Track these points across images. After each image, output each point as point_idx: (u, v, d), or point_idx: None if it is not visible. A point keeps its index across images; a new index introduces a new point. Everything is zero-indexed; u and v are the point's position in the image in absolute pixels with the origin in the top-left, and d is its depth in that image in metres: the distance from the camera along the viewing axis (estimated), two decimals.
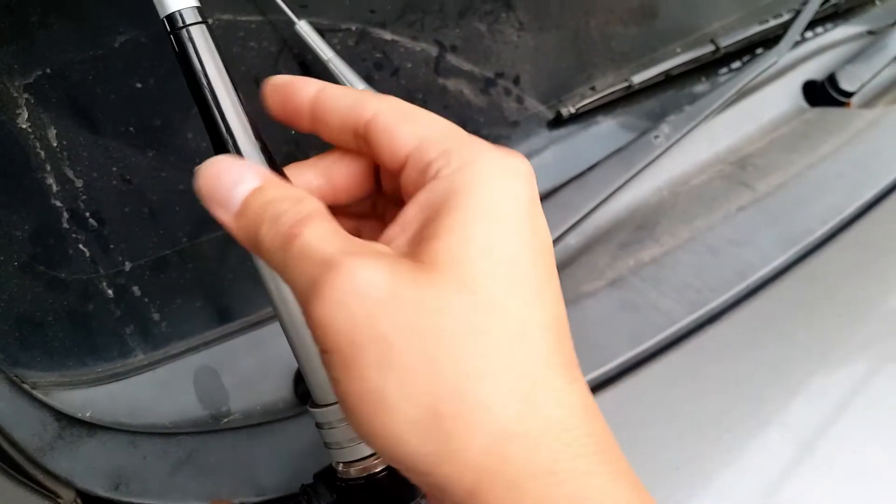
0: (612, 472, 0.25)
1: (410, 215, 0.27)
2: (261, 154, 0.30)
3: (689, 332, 0.52)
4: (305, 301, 0.24)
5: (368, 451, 0.33)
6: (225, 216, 0.27)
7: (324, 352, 0.24)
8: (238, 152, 0.29)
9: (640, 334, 0.51)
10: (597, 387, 0.49)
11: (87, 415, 0.45)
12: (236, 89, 0.30)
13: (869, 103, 0.78)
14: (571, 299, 0.53)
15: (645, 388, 0.49)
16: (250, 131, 0.30)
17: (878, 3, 0.91)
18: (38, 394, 0.45)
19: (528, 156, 0.63)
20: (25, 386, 0.45)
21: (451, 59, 0.62)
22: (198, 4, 0.29)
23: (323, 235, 0.25)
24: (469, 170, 0.26)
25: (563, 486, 0.24)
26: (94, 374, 0.47)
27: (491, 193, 0.26)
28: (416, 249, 0.26)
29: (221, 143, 0.29)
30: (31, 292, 0.48)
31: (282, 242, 0.25)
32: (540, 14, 0.67)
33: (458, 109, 0.62)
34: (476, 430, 0.23)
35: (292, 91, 0.30)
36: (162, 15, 0.29)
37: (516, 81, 0.65)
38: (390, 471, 0.33)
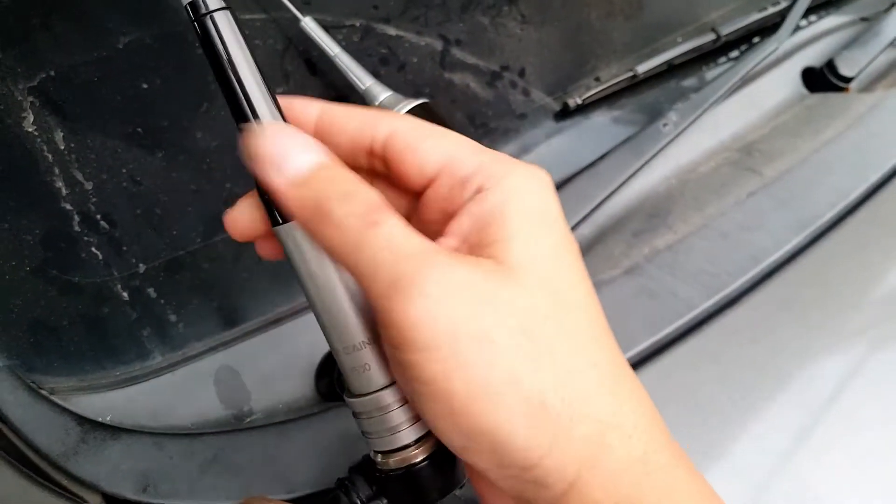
0: (686, 466, 0.26)
1: (465, 225, 0.27)
2: None
3: (708, 317, 0.52)
4: (391, 294, 0.24)
5: (407, 441, 0.33)
6: (280, 181, 0.26)
7: (414, 351, 0.24)
8: None
9: (660, 321, 0.51)
10: None
11: (108, 419, 0.44)
12: (263, 77, 0.29)
13: (867, 88, 0.79)
14: None
15: (667, 374, 0.49)
16: (280, 120, 0.29)
17: None
18: (57, 399, 0.44)
19: (538, 147, 0.63)
20: (44, 392, 0.44)
21: (457, 52, 0.62)
22: None
23: (404, 229, 0.25)
24: (513, 181, 0.27)
25: (651, 476, 0.25)
26: (112, 377, 0.47)
27: (537, 204, 0.27)
28: (487, 254, 0.26)
29: None
30: (44, 297, 0.47)
31: (360, 224, 0.25)
32: (542, 7, 0.67)
33: (466, 103, 0.62)
34: (579, 420, 0.24)
35: (292, 112, 0.30)
36: (185, 2, 0.28)
37: (522, 74, 0.65)
38: (430, 461, 0.33)
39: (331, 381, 0.50)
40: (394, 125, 0.29)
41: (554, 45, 0.67)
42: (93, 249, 0.49)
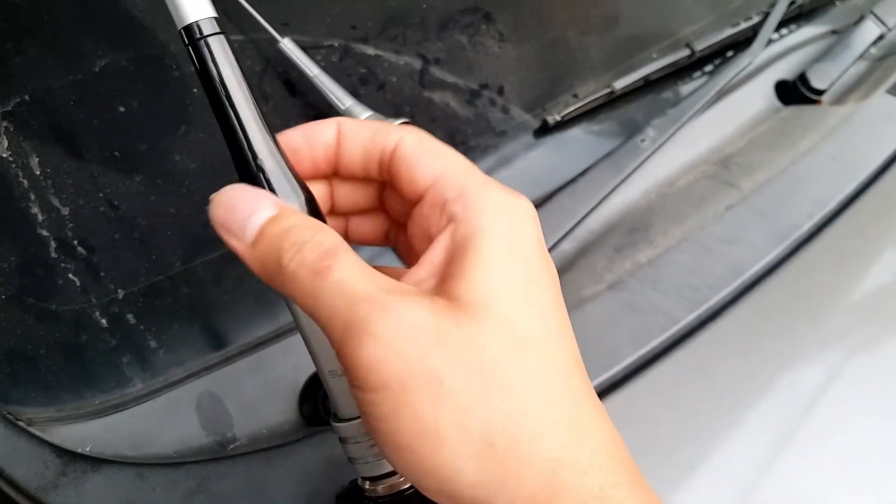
0: (647, 499, 0.26)
1: (437, 257, 0.28)
2: (285, 168, 0.29)
3: (692, 331, 0.52)
4: (345, 338, 0.24)
5: None
6: (239, 245, 0.27)
7: (367, 390, 0.24)
8: (259, 167, 0.28)
9: (644, 335, 0.51)
10: (605, 390, 0.49)
11: (88, 449, 0.43)
12: (257, 102, 0.29)
13: (839, 100, 0.80)
14: (573, 304, 0.53)
15: (653, 389, 0.49)
16: (273, 146, 0.29)
17: (837, 3, 0.93)
18: (35, 430, 0.43)
19: (518, 164, 0.64)
20: (21, 423, 0.43)
21: (436, 71, 0.62)
22: (215, 15, 0.28)
23: (358, 270, 0.25)
24: (488, 212, 0.27)
25: None
26: (92, 406, 0.46)
27: (511, 235, 0.27)
28: (447, 288, 0.26)
29: (243, 158, 0.28)
30: (21, 325, 0.46)
31: (311, 273, 0.25)
32: (519, 25, 0.67)
33: (446, 121, 0.62)
34: (530, 460, 0.24)
35: (316, 136, 0.30)
36: (179, 26, 0.28)
37: (500, 92, 0.65)
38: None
39: (315, 404, 0.49)
40: (400, 136, 0.29)
41: (531, 63, 0.68)
42: (70, 276, 0.48)
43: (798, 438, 0.47)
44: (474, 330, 0.25)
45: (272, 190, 0.29)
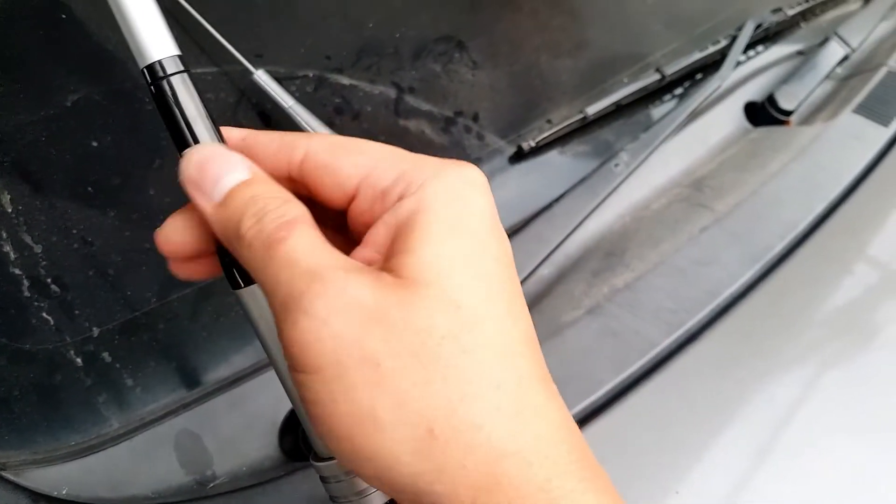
0: (599, 489, 0.25)
1: (380, 235, 0.27)
2: None
3: (671, 354, 0.52)
4: (285, 312, 0.24)
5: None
6: (204, 204, 0.26)
7: (300, 371, 0.23)
8: None
9: (624, 360, 0.51)
10: (586, 417, 0.49)
11: (64, 492, 0.42)
12: (221, 139, 0.29)
13: (807, 120, 0.82)
14: (552, 331, 0.53)
15: (635, 414, 0.49)
16: None
17: (802, 25, 0.95)
18: (8, 475, 0.42)
19: (494, 191, 0.64)
20: None
21: (410, 100, 0.63)
22: (178, 53, 0.28)
23: (310, 244, 0.24)
24: (432, 186, 0.26)
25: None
26: (67, 448, 0.45)
27: (456, 207, 0.26)
28: (391, 266, 0.25)
29: None
30: None
31: (265, 242, 0.24)
32: (492, 52, 0.68)
33: (421, 149, 0.61)
34: (471, 448, 0.23)
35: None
36: (141, 65, 0.28)
37: (475, 119, 0.65)
38: None
39: (296, 438, 0.49)
40: (308, 146, 0.28)
41: (505, 90, 0.68)
42: (44, 314, 0.47)
43: (780, 457, 0.48)
44: (418, 309, 0.24)
45: None
